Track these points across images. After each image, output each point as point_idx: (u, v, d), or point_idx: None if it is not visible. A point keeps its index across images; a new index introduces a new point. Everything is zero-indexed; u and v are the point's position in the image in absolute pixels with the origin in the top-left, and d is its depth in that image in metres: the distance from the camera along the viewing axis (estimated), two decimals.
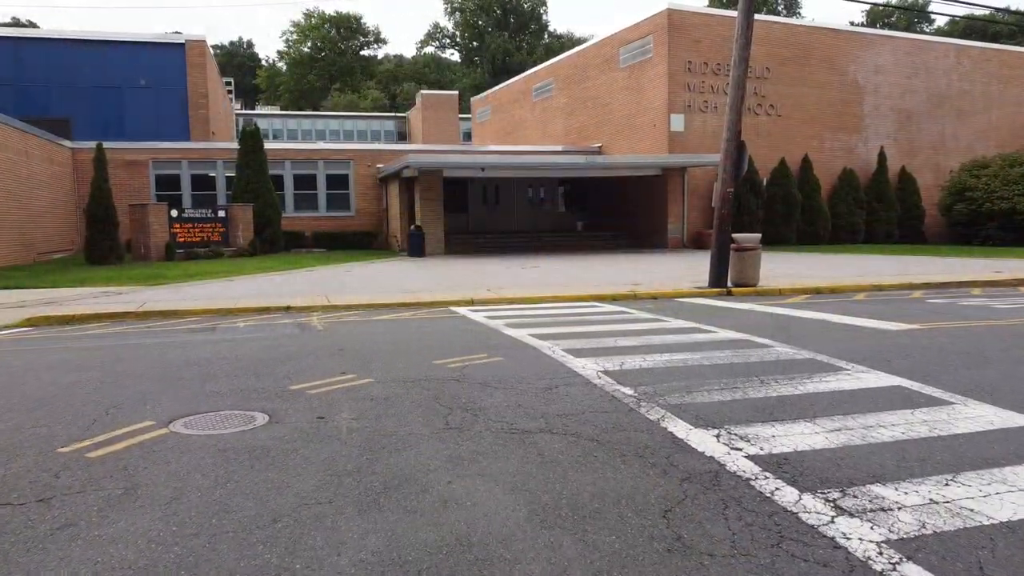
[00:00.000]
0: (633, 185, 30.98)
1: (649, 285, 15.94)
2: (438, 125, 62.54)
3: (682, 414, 5.78)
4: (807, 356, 7.98)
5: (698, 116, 29.46)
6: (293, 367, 7.64)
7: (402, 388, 6.64)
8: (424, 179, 26.54)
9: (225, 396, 6.39)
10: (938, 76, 34.34)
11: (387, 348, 8.73)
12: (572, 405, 6.04)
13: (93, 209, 22.13)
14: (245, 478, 4.38)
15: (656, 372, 7.26)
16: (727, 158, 15.12)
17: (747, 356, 8.01)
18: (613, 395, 6.36)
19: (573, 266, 21.31)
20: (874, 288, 15.76)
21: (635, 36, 30.58)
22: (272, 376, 7.19)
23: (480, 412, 5.83)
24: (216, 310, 12.84)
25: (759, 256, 15.76)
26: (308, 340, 9.49)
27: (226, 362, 7.96)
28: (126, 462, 4.67)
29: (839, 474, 4.49)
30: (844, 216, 31.17)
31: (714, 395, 6.35)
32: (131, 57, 33.53)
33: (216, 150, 30.44)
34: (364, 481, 4.34)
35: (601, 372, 7.25)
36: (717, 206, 15.30)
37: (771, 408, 5.94)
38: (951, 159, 34.49)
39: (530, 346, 8.75)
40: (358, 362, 7.88)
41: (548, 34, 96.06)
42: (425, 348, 8.74)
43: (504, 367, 7.54)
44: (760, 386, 6.66)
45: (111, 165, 28.74)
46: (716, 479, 4.43)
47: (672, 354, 8.13)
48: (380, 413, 5.81)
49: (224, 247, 25.54)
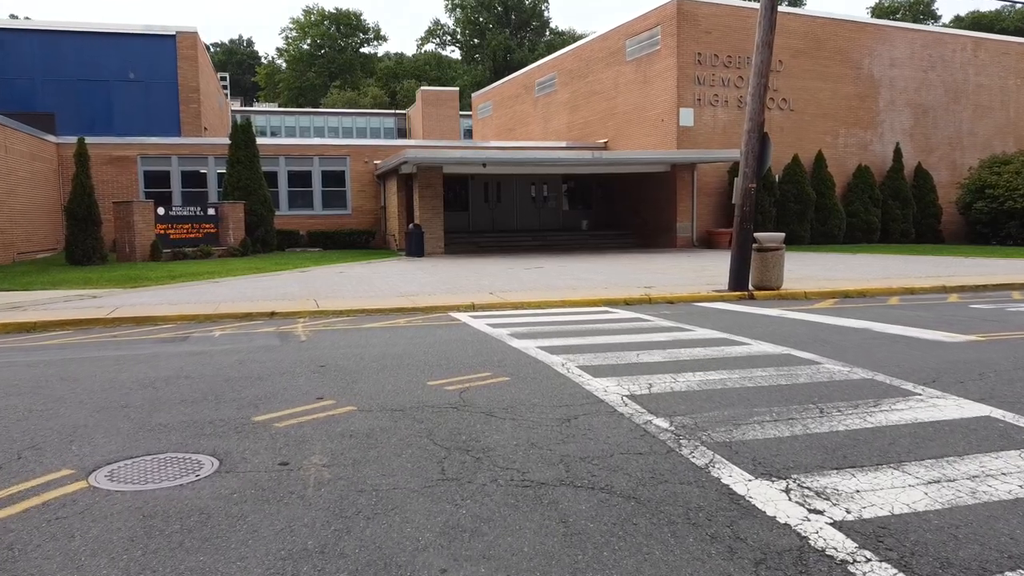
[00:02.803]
0: (640, 183, 29.82)
1: (663, 288, 14.80)
2: (438, 122, 61.41)
3: (735, 457, 4.65)
4: (864, 376, 6.85)
5: (708, 110, 28.30)
6: (263, 389, 6.51)
7: (389, 419, 5.51)
8: (423, 175, 25.40)
9: (173, 431, 5.25)
10: (955, 70, 33.17)
11: (375, 364, 7.59)
12: (597, 444, 4.91)
13: (74, 207, 20.98)
14: (165, 566, 3.24)
15: (692, 396, 6.13)
16: (749, 151, 13.98)
17: (794, 376, 6.88)
18: (646, 429, 5.23)
19: (579, 267, 20.17)
20: (905, 291, 14.63)
21: (642, 27, 29.42)
22: (236, 402, 6.06)
23: (484, 455, 4.70)
24: (193, 316, 11.71)
25: (783, 257, 14.62)
26: (287, 353, 8.36)
27: (187, 383, 6.83)
28: (14, 538, 3.52)
29: (962, 553, 3.36)
30: (859, 215, 30.01)
31: (768, 429, 5.22)
32: (119, 49, 32.30)
33: (207, 146, 29.28)
34: (328, 569, 3.21)
35: (627, 397, 6.12)
36: (738, 203, 14.16)
37: (842, 448, 4.81)
38: (968, 156, 33.33)
39: (540, 362, 7.62)
40: (340, 383, 6.75)
41: (550, 31, 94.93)
42: (419, 364, 7.61)
43: (511, 390, 6.41)
44: (820, 416, 5.52)
45: (97, 161, 27.67)
46: (801, 562, 3.30)
47: (706, 372, 7.00)
48: (359, 457, 4.67)
49: (214, 247, 24.41)
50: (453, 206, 31.27)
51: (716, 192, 28.74)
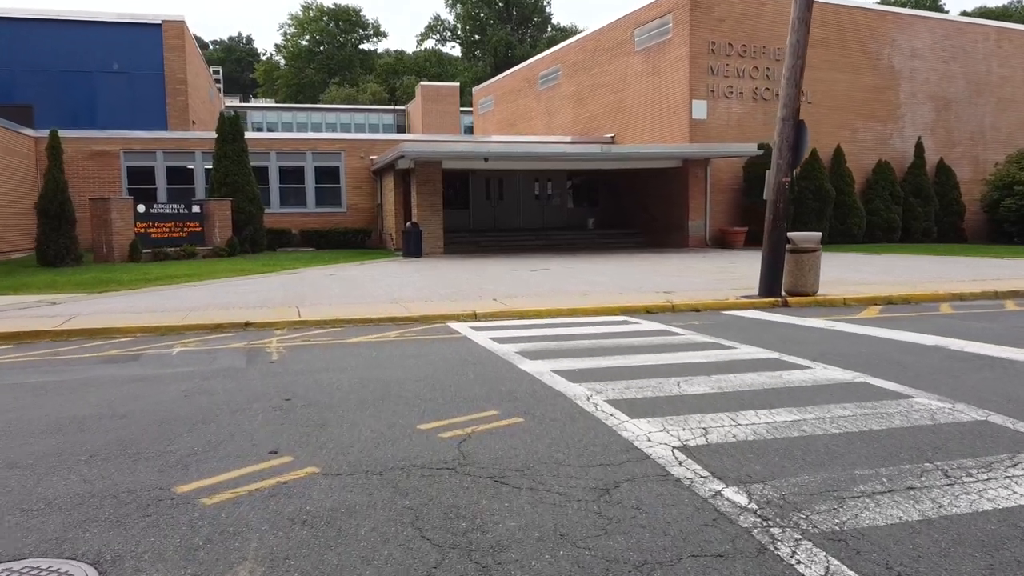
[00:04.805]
0: (649, 179, 28.31)
1: (685, 293, 13.34)
2: (438, 118, 59.88)
3: (859, 562, 3.19)
4: (975, 416, 5.38)
5: (722, 103, 26.79)
6: (204, 438, 5.04)
7: (362, 491, 4.03)
8: (421, 171, 23.91)
9: (56, 512, 3.78)
10: (977, 61, 31.63)
11: (354, 397, 6.11)
12: (654, 536, 3.45)
13: (45, 204, 19.51)
14: None
15: (765, 450, 4.66)
16: (784, 140, 12.49)
17: (885, 416, 5.41)
18: (717, 507, 3.76)
19: (588, 269, 18.68)
20: (954, 297, 13.17)
21: (652, 16, 27.90)
22: (161, 459, 4.58)
23: (494, 558, 3.24)
24: (155, 328, 10.25)
25: (819, 259, 13.18)
26: (249, 380, 6.89)
27: (110, 425, 5.36)
28: None
29: None
30: (880, 212, 28.48)
31: (887, 508, 3.75)
32: (102, 39, 30.68)
33: (194, 140, 27.76)
34: None
35: (679, 449, 4.66)
36: (770, 199, 12.68)
37: (1006, 543, 3.34)
38: (991, 151, 31.82)
39: (559, 393, 6.15)
40: (305, 427, 5.28)
41: (552, 27, 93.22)
42: (409, 396, 6.14)
43: (527, 438, 4.94)
44: (948, 484, 4.06)
45: (78, 156, 26.20)
46: None
47: (772, 411, 5.52)
48: (311, 566, 3.21)
49: (199, 246, 22.92)
50: (453, 204, 29.77)
51: (730, 189, 27.25)
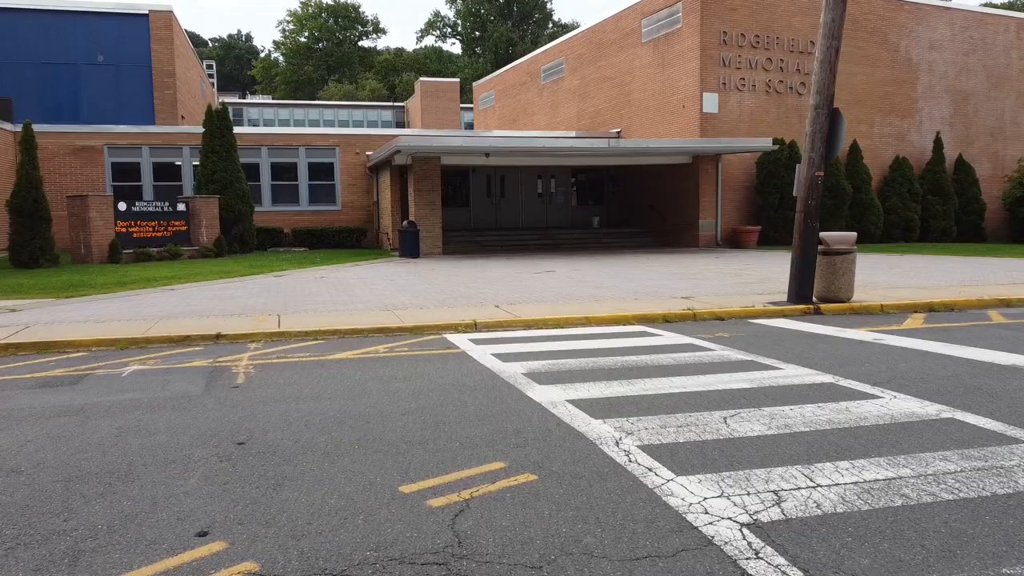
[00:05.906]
0: (657, 176, 27.10)
1: (706, 299, 12.14)
2: (438, 115, 58.67)
3: None
4: None
5: (734, 96, 25.58)
6: (116, 507, 3.84)
7: None
8: (419, 167, 22.71)
9: None
10: (997, 53, 30.40)
11: (324, 441, 4.91)
12: None
13: (18, 201, 18.30)
14: None
15: (865, 528, 3.46)
16: (816, 131, 11.29)
17: (1004, 473, 4.20)
18: None
19: (597, 271, 17.47)
20: (1000, 303, 11.97)
21: (661, 5, 26.67)
22: (44, 547, 3.38)
23: None
24: (114, 340, 9.06)
25: (854, 262, 11.94)
26: (201, 413, 5.69)
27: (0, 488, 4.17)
28: None
29: None
30: (898, 211, 27.28)
31: None
32: (87, 30, 29.45)
33: (182, 135, 26.55)
34: None
35: (748, 527, 3.46)
36: (801, 195, 11.47)
37: None
38: (1010, 147, 30.61)
39: (580, 435, 4.95)
40: (256, 488, 4.08)
41: (553, 23, 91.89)
42: (393, 440, 4.94)
43: (542, 508, 3.75)
44: None
45: (59, 152, 25.04)
46: None
47: (853, 462, 4.32)
48: None
49: (184, 246, 21.73)
50: (452, 202, 28.59)
51: (742, 186, 26.05)
